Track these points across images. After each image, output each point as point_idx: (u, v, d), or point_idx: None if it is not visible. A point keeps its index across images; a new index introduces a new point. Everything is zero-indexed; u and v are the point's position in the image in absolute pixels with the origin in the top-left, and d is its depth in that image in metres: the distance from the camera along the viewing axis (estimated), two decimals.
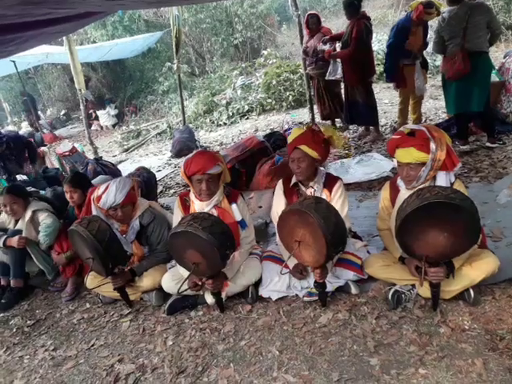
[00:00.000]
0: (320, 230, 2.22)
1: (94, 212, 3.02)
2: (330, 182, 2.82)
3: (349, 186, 4.42)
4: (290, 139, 2.81)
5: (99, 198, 2.93)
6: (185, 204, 2.93)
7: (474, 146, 4.68)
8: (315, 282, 2.49)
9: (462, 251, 2.17)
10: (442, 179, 2.36)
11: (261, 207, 4.08)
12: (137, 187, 3.17)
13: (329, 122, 6.76)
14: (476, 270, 2.28)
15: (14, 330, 3.11)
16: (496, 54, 8.06)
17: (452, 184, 2.36)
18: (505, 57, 5.61)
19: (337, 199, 2.75)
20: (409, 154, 2.35)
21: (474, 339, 2.09)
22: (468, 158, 4.44)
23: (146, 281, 2.96)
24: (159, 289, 2.95)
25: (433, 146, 2.29)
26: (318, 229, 2.23)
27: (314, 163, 2.75)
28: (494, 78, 5.05)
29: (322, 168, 2.89)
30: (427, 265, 2.19)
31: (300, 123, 7.40)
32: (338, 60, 5.80)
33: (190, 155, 2.83)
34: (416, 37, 5.08)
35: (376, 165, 4.69)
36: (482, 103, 4.38)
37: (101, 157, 6.85)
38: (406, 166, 2.39)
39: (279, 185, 2.97)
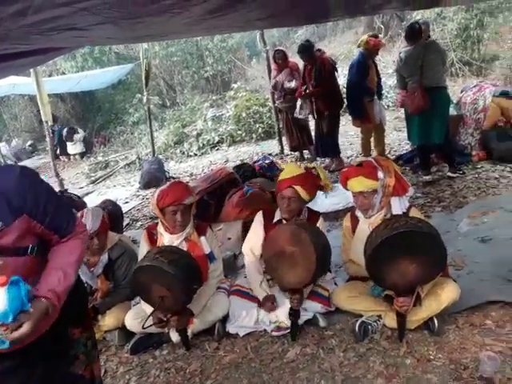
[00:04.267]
0: (312, 245, 2.27)
1: None
2: (312, 218, 2.86)
3: None
4: (284, 175, 2.78)
5: None
6: (152, 237, 2.86)
7: (436, 176, 4.86)
8: (290, 308, 2.47)
9: (430, 279, 2.22)
10: (396, 205, 2.47)
11: (230, 239, 4.03)
12: (106, 217, 3.10)
13: (297, 154, 6.88)
14: (439, 298, 2.32)
15: None
16: (454, 88, 8.49)
17: (408, 209, 2.47)
18: (462, 91, 5.92)
19: None
20: (359, 183, 2.48)
21: (439, 369, 2.10)
22: (431, 187, 4.59)
23: (109, 319, 2.85)
24: (122, 327, 2.83)
25: (380, 173, 2.44)
26: (310, 245, 2.29)
27: (302, 204, 2.78)
28: (453, 111, 5.31)
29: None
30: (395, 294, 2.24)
31: (269, 154, 7.48)
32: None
33: (164, 186, 2.79)
34: (373, 72, 5.44)
35: (342, 195, 4.74)
36: (442, 135, 4.59)
37: (66, 189, 6.67)
38: (359, 195, 2.52)
39: (259, 218, 2.94)
